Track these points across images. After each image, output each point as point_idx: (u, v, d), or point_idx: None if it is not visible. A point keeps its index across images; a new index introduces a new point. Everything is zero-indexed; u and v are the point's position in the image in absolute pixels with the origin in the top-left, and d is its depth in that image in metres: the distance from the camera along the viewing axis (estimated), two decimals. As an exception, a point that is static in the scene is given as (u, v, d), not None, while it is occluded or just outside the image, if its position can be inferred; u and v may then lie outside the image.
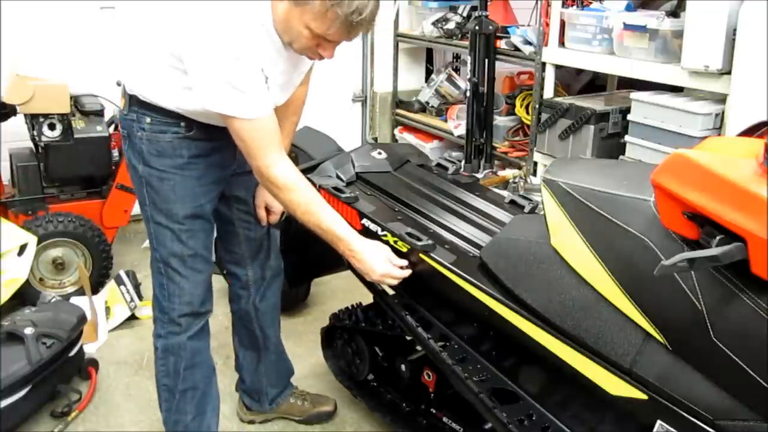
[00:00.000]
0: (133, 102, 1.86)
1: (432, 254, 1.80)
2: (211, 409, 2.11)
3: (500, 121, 3.91)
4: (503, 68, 3.97)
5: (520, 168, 3.65)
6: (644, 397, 1.45)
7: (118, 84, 1.96)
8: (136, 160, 1.89)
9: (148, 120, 1.84)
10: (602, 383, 1.52)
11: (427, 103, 4.52)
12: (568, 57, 3.35)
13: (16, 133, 3.26)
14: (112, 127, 3.26)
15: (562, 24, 3.35)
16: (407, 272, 1.84)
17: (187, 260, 1.94)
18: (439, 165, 2.27)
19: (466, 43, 3.83)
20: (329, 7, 1.58)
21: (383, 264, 1.82)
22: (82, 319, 2.55)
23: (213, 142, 1.89)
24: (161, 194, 1.89)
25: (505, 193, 2.18)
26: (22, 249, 2.83)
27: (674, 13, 2.88)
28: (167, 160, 1.86)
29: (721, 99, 2.69)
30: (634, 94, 3.00)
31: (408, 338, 2.17)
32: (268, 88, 1.72)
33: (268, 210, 2.13)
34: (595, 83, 4.07)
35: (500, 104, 4.01)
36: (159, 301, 2.00)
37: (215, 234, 2.12)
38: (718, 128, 2.73)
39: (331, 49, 1.72)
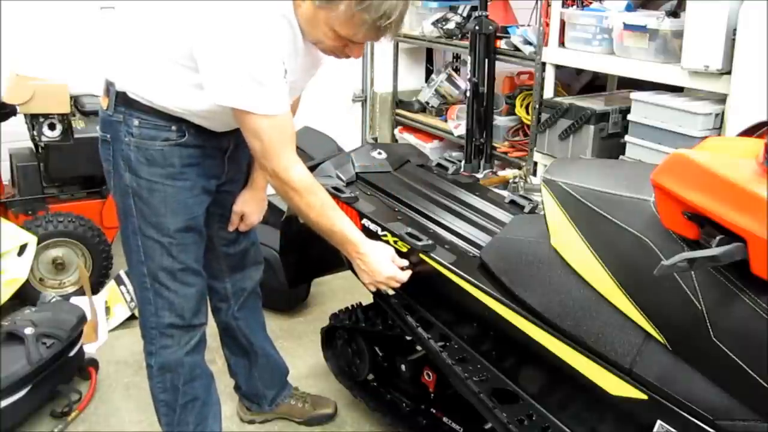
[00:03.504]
0: (120, 101, 1.76)
1: (432, 254, 1.80)
2: (212, 415, 2.07)
3: (500, 121, 3.91)
4: (503, 68, 3.97)
5: (520, 168, 3.65)
6: (644, 397, 1.45)
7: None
8: (123, 168, 1.78)
9: (137, 122, 1.75)
10: (602, 383, 1.52)
11: (427, 103, 4.52)
12: (568, 57, 3.34)
13: (16, 133, 3.26)
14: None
15: (562, 24, 3.35)
16: (409, 273, 1.84)
17: (177, 274, 1.85)
18: (439, 165, 2.27)
19: (466, 43, 3.83)
20: (356, 12, 1.53)
21: (389, 266, 1.81)
22: (82, 319, 2.55)
23: (204, 149, 1.83)
24: (151, 206, 1.79)
25: (505, 193, 2.18)
26: (22, 249, 2.82)
27: (674, 13, 2.87)
28: (158, 170, 1.77)
29: (721, 99, 2.69)
30: (634, 94, 3.00)
31: (408, 338, 2.17)
32: (286, 82, 1.64)
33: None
34: (595, 83, 4.07)
35: (500, 104, 4.01)
36: (146, 316, 1.91)
37: None
38: (718, 128, 2.73)
39: (358, 50, 1.67)
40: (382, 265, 1.80)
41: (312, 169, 2.14)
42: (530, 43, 3.54)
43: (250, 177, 2.06)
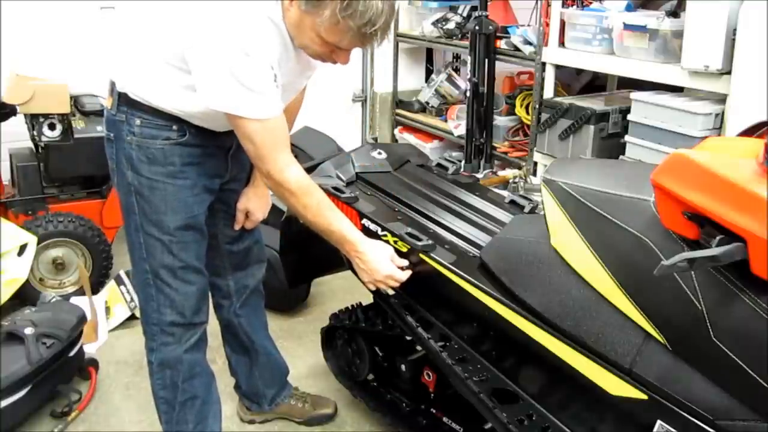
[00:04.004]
0: (122, 101, 1.78)
1: (432, 254, 1.80)
2: (212, 415, 2.07)
3: (500, 121, 3.91)
4: (503, 68, 3.97)
5: (520, 168, 3.65)
6: (644, 397, 1.45)
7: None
8: (125, 166, 1.80)
9: (138, 122, 1.77)
10: (602, 383, 1.52)
11: (427, 103, 4.52)
12: (568, 57, 3.35)
13: (16, 133, 3.26)
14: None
15: (562, 24, 3.35)
16: (408, 273, 1.84)
17: (178, 272, 1.87)
18: (439, 165, 2.27)
19: (466, 43, 3.83)
20: (341, 18, 1.54)
21: (388, 265, 1.82)
22: (82, 319, 2.55)
23: (206, 148, 1.84)
24: (152, 204, 1.81)
25: (505, 193, 2.18)
26: (22, 249, 2.82)
27: (674, 13, 2.88)
28: (158, 168, 1.79)
29: (721, 99, 2.69)
30: (634, 94, 3.00)
31: (408, 338, 2.17)
32: (277, 86, 1.66)
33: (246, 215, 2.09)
34: (595, 83, 4.07)
35: (500, 104, 4.01)
36: (147, 313, 1.92)
37: None
38: (718, 128, 2.73)
39: (345, 56, 1.68)
40: (380, 264, 1.81)
41: (312, 169, 2.15)
42: (530, 43, 3.54)
43: (252, 174, 2.07)
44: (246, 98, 1.61)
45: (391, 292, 1.92)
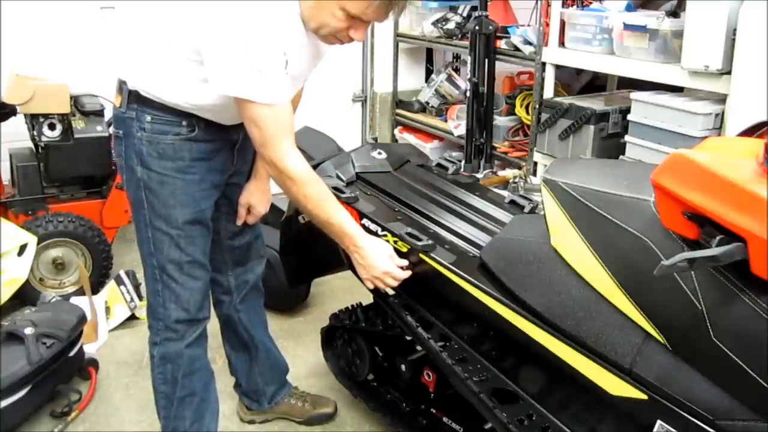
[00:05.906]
0: (133, 99, 1.81)
1: (432, 254, 1.80)
2: (210, 413, 2.09)
3: (500, 121, 3.91)
4: (503, 68, 3.97)
5: (520, 168, 3.65)
6: (644, 397, 1.45)
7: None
8: (135, 162, 1.83)
9: (149, 118, 1.80)
10: (602, 383, 1.52)
11: (427, 103, 4.52)
12: (568, 57, 3.35)
13: (16, 133, 3.26)
14: (112, 127, 3.25)
15: (562, 24, 3.35)
16: (408, 273, 1.84)
17: (185, 267, 1.90)
18: (439, 165, 2.27)
19: (466, 43, 3.83)
20: None
21: (386, 261, 1.82)
22: (82, 319, 2.55)
23: (214, 143, 1.87)
24: (161, 199, 1.84)
25: (505, 193, 2.18)
26: (22, 249, 2.82)
27: (674, 13, 2.88)
28: (168, 163, 1.82)
29: (721, 99, 2.69)
30: (634, 94, 3.00)
31: (408, 338, 2.17)
32: (287, 74, 1.69)
33: (248, 210, 2.11)
34: (595, 83, 4.07)
35: (500, 104, 4.01)
36: (153, 307, 1.95)
37: None
38: (718, 128, 2.73)
39: (363, 30, 1.71)
40: (379, 260, 1.82)
41: (312, 169, 2.14)
42: (530, 43, 3.54)
43: (254, 168, 2.09)
44: (256, 81, 1.63)
45: (390, 291, 1.92)
